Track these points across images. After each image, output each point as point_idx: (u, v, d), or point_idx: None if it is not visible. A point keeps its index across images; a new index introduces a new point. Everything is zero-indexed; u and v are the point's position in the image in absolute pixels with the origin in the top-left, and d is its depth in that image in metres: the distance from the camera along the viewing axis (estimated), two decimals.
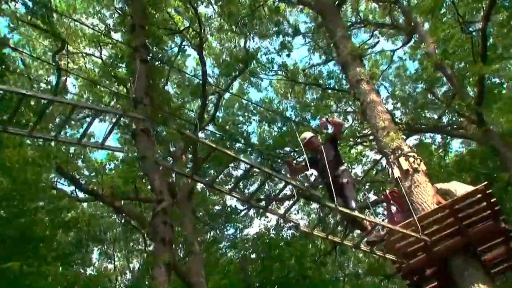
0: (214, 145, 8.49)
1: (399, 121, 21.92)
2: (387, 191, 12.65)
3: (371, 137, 21.34)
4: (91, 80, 22.94)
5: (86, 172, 23.96)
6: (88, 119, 23.31)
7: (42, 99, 14.27)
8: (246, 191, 27.38)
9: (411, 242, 10.20)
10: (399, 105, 25.86)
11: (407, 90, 26.73)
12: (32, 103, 17.08)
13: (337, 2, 19.51)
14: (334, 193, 9.48)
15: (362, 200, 23.86)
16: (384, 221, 11.34)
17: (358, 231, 11.42)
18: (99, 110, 8.01)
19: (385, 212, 12.81)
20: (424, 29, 21.43)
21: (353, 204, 9.76)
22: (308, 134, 11.19)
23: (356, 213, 9.47)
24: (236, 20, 22.09)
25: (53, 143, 18.81)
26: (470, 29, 18.48)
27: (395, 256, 10.42)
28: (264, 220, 28.37)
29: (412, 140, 24.07)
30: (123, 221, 25.58)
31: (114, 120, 8.29)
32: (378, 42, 26.03)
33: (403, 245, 10.28)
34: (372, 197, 23.17)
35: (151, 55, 19.55)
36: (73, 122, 22.88)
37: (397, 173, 11.98)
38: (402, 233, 9.87)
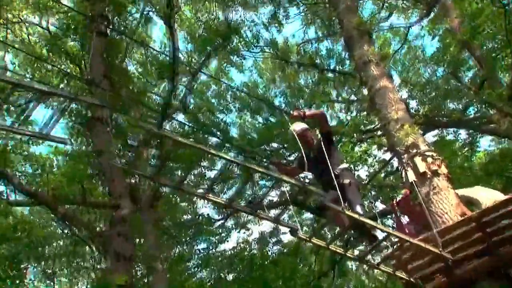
0: (182, 139, 8.51)
1: (415, 113, 21.87)
2: (396, 200, 12.73)
3: (380, 132, 21.33)
4: (36, 55, 22.71)
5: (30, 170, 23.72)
6: (30, 105, 23.25)
7: None
8: (222, 196, 27.49)
9: (429, 261, 10.22)
10: (415, 93, 25.55)
11: (425, 75, 26.72)
12: None
13: None
14: (339, 194, 9.36)
15: (367, 210, 23.98)
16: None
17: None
18: (45, 92, 7.92)
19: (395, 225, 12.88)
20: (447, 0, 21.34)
21: (359, 209, 9.73)
22: (299, 126, 11.03)
23: (366, 219, 9.50)
24: None
25: None
26: (504, 1, 18.45)
27: (408, 275, 10.50)
28: (244, 233, 28.48)
29: (431, 136, 23.99)
30: (66, 231, 25.36)
31: (63, 106, 8.27)
32: (390, 15, 25.88)
33: (419, 264, 10.33)
34: (380, 205, 23.18)
35: (110, 27, 19.44)
36: (12, 108, 22.72)
37: (412, 176, 11.95)
38: (420, 247, 9.80)
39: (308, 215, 27.32)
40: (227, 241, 27.79)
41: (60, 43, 21.93)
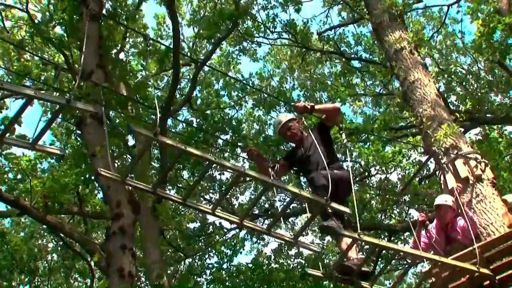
0: (182, 146, 8.56)
1: (454, 108, 21.91)
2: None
3: (414, 130, 21.41)
4: (14, 43, 22.86)
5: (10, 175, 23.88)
6: (7, 100, 23.53)
7: None
8: (235, 201, 27.77)
9: (472, 280, 10.09)
10: (454, 85, 25.69)
11: (465, 64, 26.83)
12: None
13: None
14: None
15: (397, 219, 24.13)
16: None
17: None
18: (34, 97, 8.05)
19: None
20: None
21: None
22: (285, 117, 10.89)
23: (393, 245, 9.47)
24: None
25: None
26: None
27: None
28: (259, 243, 28.76)
29: (473, 135, 23.92)
30: (61, 243, 25.59)
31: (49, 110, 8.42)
32: None
33: (461, 284, 10.30)
34: (415, 214, 23.24)
35: (104, 9, 19.64)
36: None
37: (452, 182, 12.05)
38: (454, 266, 9.78)
39: None
40: (240, 253, 27.86)
41: (43, 29, 21.67)
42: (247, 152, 10.92)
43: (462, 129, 16.58)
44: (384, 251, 18.44)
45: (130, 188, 18.00)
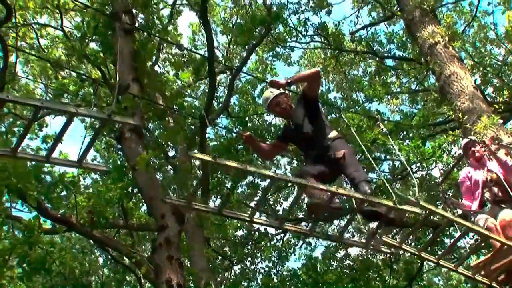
0: (210, 158, 8.42)
1: (492, 100, 21.71)
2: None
3: (453, 125, 21.21)
4: (51, 61, 22.96)
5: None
6: (47, 118, 23.63)
7: None
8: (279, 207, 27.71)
9: None
10: (489, 77, 25.02)
11: (499, 56, 26.60)
12: None
13: None
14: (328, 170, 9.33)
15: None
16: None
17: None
18: (75, 114, 8.07)
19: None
20: None
21: (365, 187, 9.01)
22: (271, 92, 10.38)
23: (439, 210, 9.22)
24: None
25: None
26: None
27: (490, 279, 10.57)
28: (306, 248, 28.69)
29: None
30: (110, 257, 25.74)
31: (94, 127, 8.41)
32: None
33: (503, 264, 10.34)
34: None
35: (136, 24, 19.67)
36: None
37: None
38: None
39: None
40: (288, 259, 27.83)
41: (78, 46, 21.92)
42: (244, 137, 10.41)
43: (502, 120, 16.33)
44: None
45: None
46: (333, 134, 9.68)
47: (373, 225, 10.60)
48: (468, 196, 11.55)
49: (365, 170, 23.38)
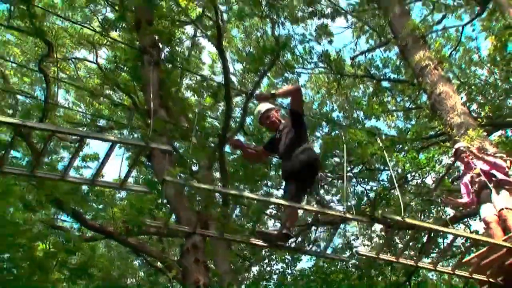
0: (209, 187, 9.39)
1: (476, 115, 21.74)
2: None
3: (443, 138, 21.24)
4: (88, 90, 23.21)
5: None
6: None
7: (42, 130, 14.62)
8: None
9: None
10: (474, 95, 25.05)
11: (482, 76, 26.58)
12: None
13: None
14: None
15: (435, 215, 23.85)
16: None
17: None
18: (116, 142, 8.18)
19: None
20: None
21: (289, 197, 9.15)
22: (264, 107, 10.45)
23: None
24: (259, 1, 22.17)
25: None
26: None
27: (488, 277, 10.57)
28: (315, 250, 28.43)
29: (496, 137, 23.55)
30: (144, 261, 25.89)
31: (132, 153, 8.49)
32: (444, 17, 26.06)
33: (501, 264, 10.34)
34: (450, 211, 23.02)
35: (162, 55, 19.79)
36: (70, 144, 23.23)
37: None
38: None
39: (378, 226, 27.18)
40: (299, 260, 27.80)
41: (111, 76, 22.38)
42: (233, 143, 10.92)
43: (486, 133, 16.42)
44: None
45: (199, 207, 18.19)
46: (304, 145, 9.63)
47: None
48: (466, 195, 11.89)
49: (366, 179, 23.71)
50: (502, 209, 10.57)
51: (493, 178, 11.16)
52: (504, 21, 19.95)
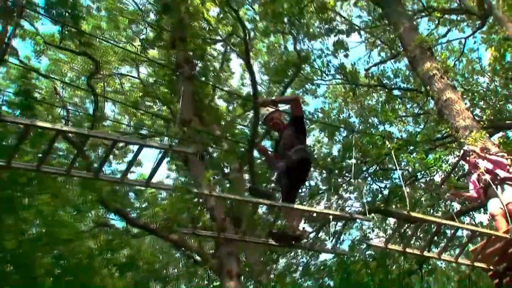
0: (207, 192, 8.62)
1: (479, 119, 21.68)
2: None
3: (449, 139, 21.23)
4: (130, 104, 23.38)
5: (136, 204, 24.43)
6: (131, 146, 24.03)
7: (78, 134, 14.74)
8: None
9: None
10: (476, 101, 25.10)
11: (484, 84, 26.63)
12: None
13: None
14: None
15: (443, 209, 23.66)
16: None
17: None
18: (143, 145, 8.31)
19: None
20: (500, 11, 21.00)
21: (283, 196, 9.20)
22: (267, 110, 10.35)
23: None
24: (282, 20, 22.27)
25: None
26: None
27: (488, 265, 10.54)
28: (336, 242, 28.29)
29: (497, 139, 23.50)
30: (183, 254, 26.04)
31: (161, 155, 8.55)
32: (449, 31, 26.28)
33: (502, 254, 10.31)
34: (457, 206, 22.90)
35: (195, 70, 19.85)
36: (116, 151, 23.39)
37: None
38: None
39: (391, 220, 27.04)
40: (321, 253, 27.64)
41: (151, 90, 22.78)
42: (260, 149, 11.33)
43: (488, 135, 16.30)
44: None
45: (230, 205, 18.21)
46: (299, 146, 9.58)
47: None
48: (474, 191, 11.82)
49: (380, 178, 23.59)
50: (509, 203, 10.47)
51: (498, 177, 11.09)
52: (502, 33, 19.89)
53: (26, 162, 10.90)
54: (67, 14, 17.53)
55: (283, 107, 10.38)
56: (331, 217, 9.84)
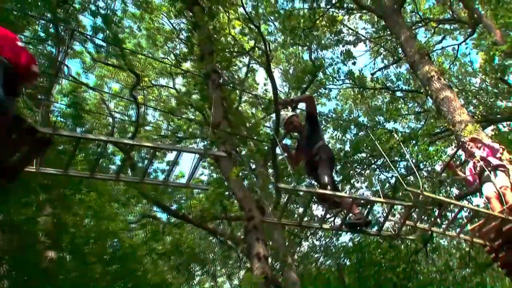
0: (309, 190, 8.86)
1: (473, 115, 21.65)
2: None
3: (447, 133, 21.18)
4: (168, 111, 23.57)
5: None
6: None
7: (122, 144, 14.89)
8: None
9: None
10: (470, 99, 25.53)
11: (476, 83, 26.81)
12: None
13: (397, 4, 19.73)
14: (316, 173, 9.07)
15: (443, 194, 23.51)
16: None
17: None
18: (180, 151, 8.35)
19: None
20: (488, 19, 21.04)
21: (325, 179, 8.74)
22: (287, 114, 10.13)
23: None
24: (298, 34, 22.42)
25: None
26: None
27: (486, 241, 10.50)
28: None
29: (489, 131, 23.51)
30: (218, 240, 26.34)
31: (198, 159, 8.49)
32: (444, 38, 26.32)
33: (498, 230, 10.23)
34: (455, 191, 22.79)
35: (222, 79, 19.91)
36: (157, 153, 23.51)
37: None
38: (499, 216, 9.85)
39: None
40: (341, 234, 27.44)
41: (186, 98, 23.09)
42: (284, 147, 10.60)
43: (481, 128, 16.21)
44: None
45: (256, 196, 18.18)
46: (320, 143, 9.42)
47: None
48: (470, 176, 11.66)
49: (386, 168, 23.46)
50: (502, 187, 10.38)
51: (491, 164, 11.03)
52: (491, 39, 19.78)
53: (80, 170, 11.03)
54: (110, 35, 17.75)
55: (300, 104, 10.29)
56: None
